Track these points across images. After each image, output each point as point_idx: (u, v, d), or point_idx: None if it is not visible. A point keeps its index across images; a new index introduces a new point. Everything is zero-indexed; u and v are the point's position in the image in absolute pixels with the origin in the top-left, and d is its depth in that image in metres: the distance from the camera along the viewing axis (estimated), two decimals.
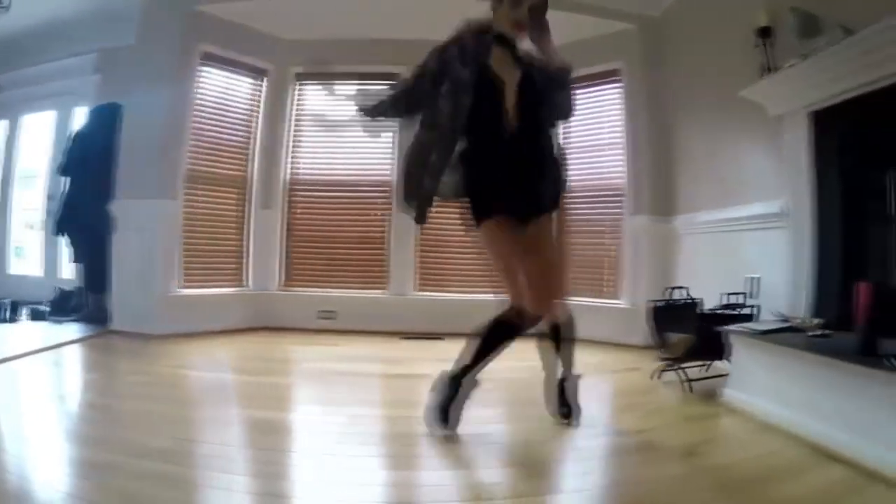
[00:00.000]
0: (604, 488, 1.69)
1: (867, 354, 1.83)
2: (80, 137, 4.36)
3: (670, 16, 3.95)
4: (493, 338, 1.98)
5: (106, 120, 4.22)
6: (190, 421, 2.19)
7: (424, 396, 2.06)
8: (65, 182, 4.39)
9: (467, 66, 1.89)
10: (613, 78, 4.16)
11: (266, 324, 4.35)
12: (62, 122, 5.17)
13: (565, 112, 2.08)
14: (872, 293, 1.91)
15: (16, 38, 4.83)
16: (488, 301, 2.20)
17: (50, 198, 4.91)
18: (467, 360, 1.99)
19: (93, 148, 4.20)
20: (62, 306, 4.38)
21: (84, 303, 4.37)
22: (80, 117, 4.92)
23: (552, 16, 2.04)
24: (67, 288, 4.53)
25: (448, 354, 2.12)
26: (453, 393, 1.97)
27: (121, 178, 4.02)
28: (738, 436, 2.13)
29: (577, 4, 3.87)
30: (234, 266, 4.42)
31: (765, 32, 2.79)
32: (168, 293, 3.95)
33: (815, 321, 2.34)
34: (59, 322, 4.15)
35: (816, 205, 2.56)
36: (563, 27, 3.67)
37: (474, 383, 2.01)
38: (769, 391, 2.22)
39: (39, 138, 5.40)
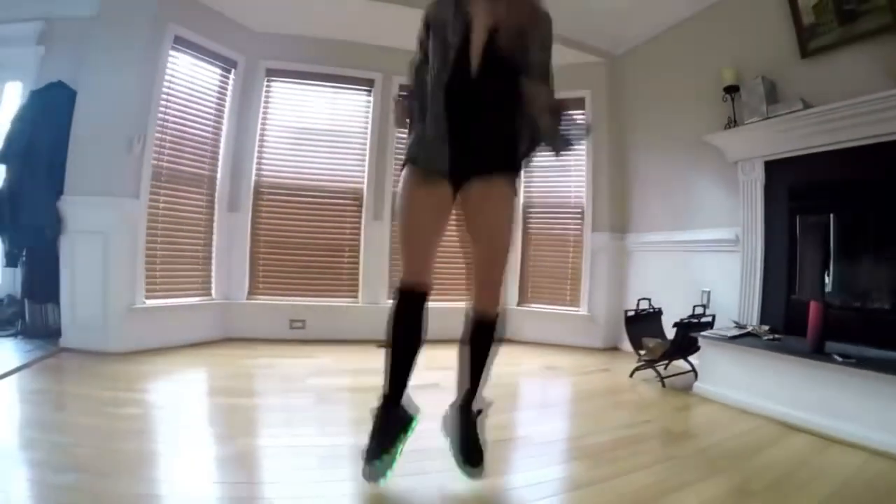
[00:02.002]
0: (635, 471, 2.15)
1: (818, 352, 2.70)
2: (24, 120, 3.96)
3: (637, 52, 4.79)
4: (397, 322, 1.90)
5: (55, 102, 3.92)
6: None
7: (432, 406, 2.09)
8: (6, 171, 3.98)
9: (449, 15, 1.91)
10: (579, 106, 4.94)
11: (234, 335, 4.41)
12: None
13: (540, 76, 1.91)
14: (820, 309, 2.78)
15: None
16: (451, 308, 2.43)
17: None
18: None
19: (39, 134, 3.87)
20: None
21: (21, 314, 4.09)
22: (14, 94, 4.49)
23: None
24: None
25: (426, 361, 1.99)
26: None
27: (72, 170, 3.75)
28: (718, 419, 2.90)
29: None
30: (199, 273, 4.36)
31: (730, 89, 3.65)
32: (131, 305, 3.77)
33: (765, 328, 3.22)
34: None
35: (765, 235, 3.45)
36: None
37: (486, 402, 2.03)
38: (736, 383, 3.06)
39: None
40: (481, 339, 1.97)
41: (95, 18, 3.88)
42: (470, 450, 1.91)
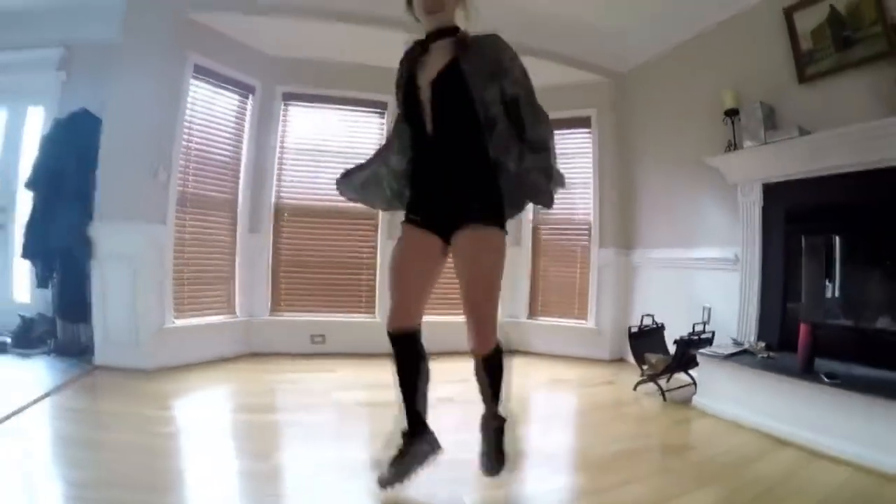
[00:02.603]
0: (632, 482, 2.40)
1: (807, 372, 2.93)
2: (50, 148, 4.29)
3: (642, 72, 5.03)
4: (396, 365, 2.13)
5: (80, 129, 4.21)
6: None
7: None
8: (33, 197, 4.29)
9: (401, 80, 2.11)
10: (585, 124, 5.20)
11: (257, 350, 4.70)
12: (12, 124, 4.97)
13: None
14: (810, 330, 3.01)
15: None
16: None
17: (2, 210, 4.83)
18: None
19: (66, 161, 4.17)
20: (26, 337, 4.34)
21: (53, 332, 4.35)
22: (36, 119, 4.83)
23: (531, 63, 2.13)
24: (27, 314, 4.46)
25: (442, 375, 2.36)
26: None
27: (100, 197, 4.01)
28: (715, 433, 3.15)
29: (557, 55, 4.81)
30: (224, 292, 4.68)
31: (731, 112, 3.86)
32: (161, 325, 4.06)
33: (761, 345, 3.45)
34: (27, 355, 4.12)
35: (762, 255, 3.67)
36: (544, 73, 4.66)
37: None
38: (733, 399, 3.30)
39: None
40: (484, 371, 2.12)
41: (116, 46, 4.10)
42: (491, 457, 2.16)
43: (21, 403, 2.98)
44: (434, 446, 2.17)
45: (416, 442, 2.12)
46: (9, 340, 4.28)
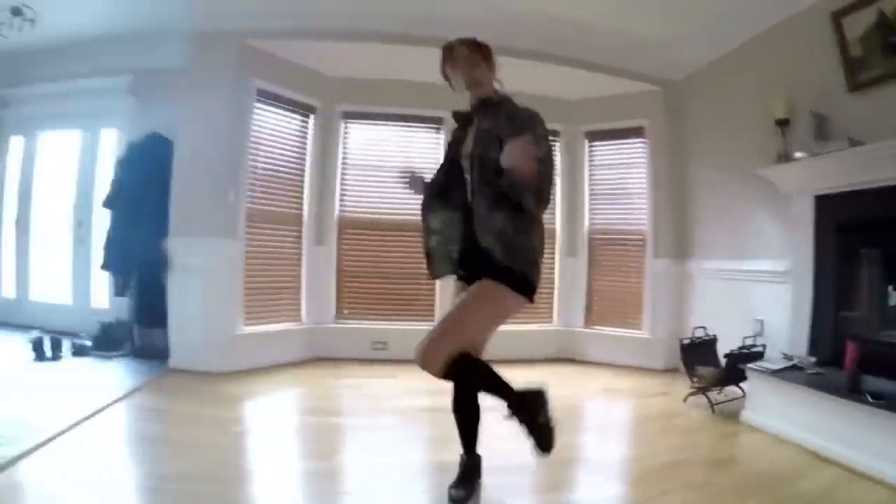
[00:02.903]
0: (674, 493, 2.57)
1: (853, 391, 2.93)
2: (125, 169, 4.75)
3: (694, 81, 5.05)
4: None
5: (153, 151, 4.67)
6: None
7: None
8: (111, 215, 4.77)
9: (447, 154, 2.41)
10: (639, 134, 5.25)
11: (321, 355, 5.05)
12: (88, 144, 5.58)
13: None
14: (857, 348, 3.01)
15: (34, 49, 5.11)
16: (525, 331, 2.81)
17: (80, 224, 5.46)
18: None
19: (141, 181, 4.60)
20: (105, 340, 4.75)
21: (130, 337, 4.82)
22: (110, 140, 5.39)
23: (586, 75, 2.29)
24: (106, 320, 4.89)
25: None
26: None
27: (175, 214, 4.44)
28: (760, 447, 3.19)
29: (610, 68, 4.90)
30: (290, 301, 5.05)
31: (782, 122, 3.85)
32: (232, 331, 4.46)
33: (812, 360, 3.45)
34: (107, 358, 4.54)
35: (815, 268, 3.65)
36: (598, 85, 4.75)
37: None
38: (779, 414, 3.32)
39: (61, 158, 5.75)
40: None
41: (181, 72, 4.57)
42: (535, 443, 2.16)
43: (103, 403, 3.40)
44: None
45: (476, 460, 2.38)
46: (90, 344, 4.73)
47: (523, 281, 2.15)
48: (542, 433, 2.15)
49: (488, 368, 2.17)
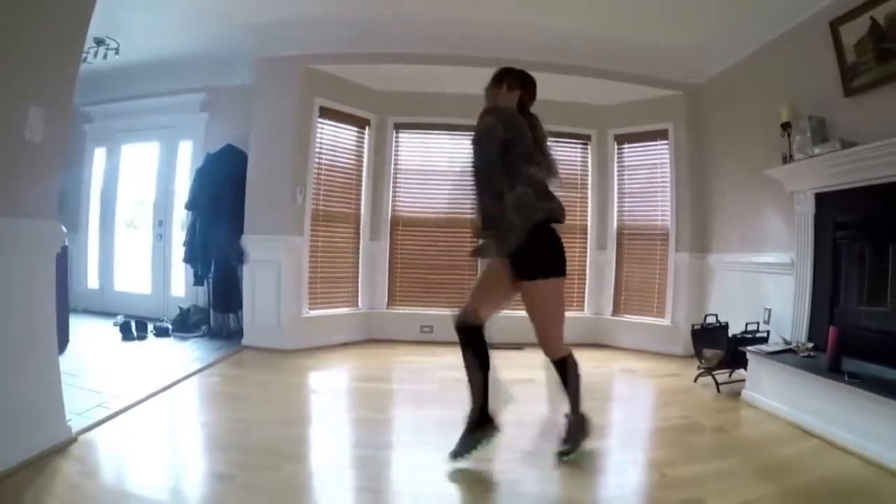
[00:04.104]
0: (669, 449, 2.93)
1: (833, 371, 3.12)
2: (203, 176, 5.28)
3: (713, 85, 5.20)
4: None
5: (227, 161, 5.23)
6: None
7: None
8: (191, 215, 5.34)
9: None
10: (664, 136, 5.45)
11: (375, 337, 5.52)
12: (166, 154, 6.18)
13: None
14: (838, 333, 3.19)
15: (116, 71, 5.56)
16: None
17: (160, 223, 6.11)
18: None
19: (218, 186, 5.14)
20: (184, 323, 5.38)
21: (206, 320, 5.40)
22: (186, 151, 6.00)
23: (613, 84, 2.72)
24: (184, 306, 5.56)
25: (528, 362, 3.47)
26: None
27: (249, 215, 4.98)
28: (750, 420, 3.43)
29: (636, 76, 5.13)
30: (349, 289, 5.56)
31: (786, 126, 4.00)
32: (298, 314, 5.00)
33: (809, 344, 3.62)
34: (185, 338, 5.13)
35: (814, 260, 3.81)
36: (625, 92, 4.98)
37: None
38: (773, 392, 3.53)
39: (142, 167, 6.36)
40: (557, 371, 2.67)
41: (251, 91, 5.13)
42: (562, 438, 2.66)
43: (190, 370, 4.03)
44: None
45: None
46: (170, 326, 5.34)
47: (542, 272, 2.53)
48: (570, 435, 2.64)
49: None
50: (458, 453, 2.54)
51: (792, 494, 2.34)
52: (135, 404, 3.14)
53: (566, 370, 2.64)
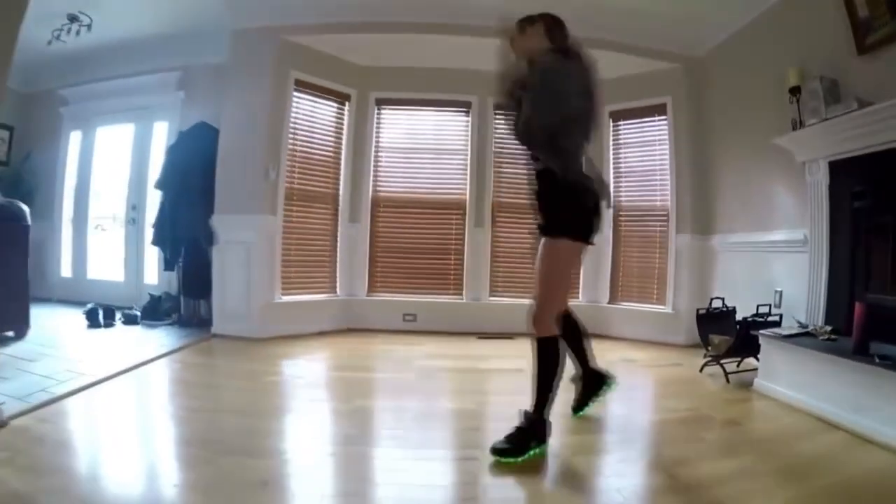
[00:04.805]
0: (668, 445, 2.53)
1: (860, 353, 2.69)
2: (175, 155, 4.96)
3: (713, 56, 4.81)
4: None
5: (200, 138, 4.87)
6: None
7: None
8: (161, 196, 5.01)
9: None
10: (661, 111, 5.03)
11: (354, 326, 5.11)
12: (141, 136, 5.84)
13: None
14: (864, 310, 2.77)
15: (92, 52, 5.38)
16: None
17: (134, 207, 5.73)
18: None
19: (189, 165, 4.78)
20: (154, 310, 5.03)
21: (177, 307, 5.06)
22: (162, 132, 5.64)
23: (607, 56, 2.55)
24: (155, 293, 5.20)
25: (518, 351, 3.12)
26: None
27: (220, 194, 4.61)
28: (765, 412, 3.02)
29: (630, 47, 4.72)
30: (326, 274, 5.14)
31: (795, 90, 3.60)
32: (270, 300, 4.60)
33: (827, 328, 3.20)
34: (154, 326, 4.78)
35: (830, 236, 3.39)
36: (619, 65, 4.56)
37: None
38: (789, 380, 3.11)
39: (116, 149, 6.04)
40: (537, 355, 2.31)
41: (226, 67, 4.75)
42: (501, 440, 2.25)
43: (148, 357, 3.67)
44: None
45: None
46: (139, 314, 4.98)
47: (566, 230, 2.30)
48: (508, 439, 2.24)
49: None
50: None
51: (822, 497, 1.95)
52: (79, 390, 2.87)
53: (547, 355, 2.30)
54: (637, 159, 5.23)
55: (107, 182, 6.19)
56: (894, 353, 2.64)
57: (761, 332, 3.36)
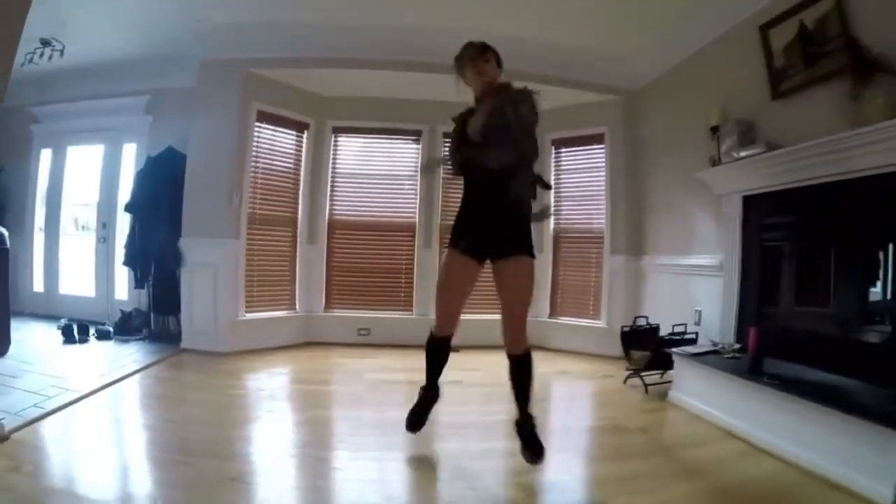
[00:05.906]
0: (588, 450, 2.77)
1: (753, 373, 2.94)
2: (144, 179, 5.02)
3: (648, 90, 5.05)
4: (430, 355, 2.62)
5: (168, 163, 4.95)
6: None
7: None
8: (131, 218, 5.10)
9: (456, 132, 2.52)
10: (600, 140, 5.27)
11: (313, 340, 5.25)
12: (110, 157, 5.84)
13: (521, 152, 2.28)
14: (757, 333, 3.01)
15: (64, 72, 5.34)
16: (489, 319, 3.05)
17: (104, 226, 5.75)
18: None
19: (158, 189, 4.87)
20: (126, 326, 5.07)
21: (148, 323, 5.12)
22: (130, 154, 5.67)
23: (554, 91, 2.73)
24: (126, 309, 5.23)
25: (464, 364, 3.28)
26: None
27: (187, 217, 4.72)
28: (675, 421, 3.27)
29: (574, 81, 4.96)
30: (286, 292, 5.27)
31: (715, 129, 3.83)
32: (235, 317, 4.73)
33: (736, 346, 3.44)
34: (126, 341, 4.82)
35: (741, 262, 3.64)
36: (562, 95, 4.78)
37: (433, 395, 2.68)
38: (698, 394, 3.36)
39: (87, 169, 6.01)
40: (519, 373, 2.43)
41: (193, 92, 4.84)
42: (535, 451, 2.37)
43: (126, 371, 3.85)
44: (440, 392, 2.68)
45: (432, 397, 2.65)
46: (111, 330, 5.02)
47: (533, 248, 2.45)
48: (539, 443, 2.40)
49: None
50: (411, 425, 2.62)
51: (708, 495, 2.22)
52: (67, 405, 3.04)
53: (530, 365, 2.44)
54: (576, 185, 5.47)
55: (77, 199, 6.17)
56: (789, 371, 2.90)
57: (674, 350, 3.61)
